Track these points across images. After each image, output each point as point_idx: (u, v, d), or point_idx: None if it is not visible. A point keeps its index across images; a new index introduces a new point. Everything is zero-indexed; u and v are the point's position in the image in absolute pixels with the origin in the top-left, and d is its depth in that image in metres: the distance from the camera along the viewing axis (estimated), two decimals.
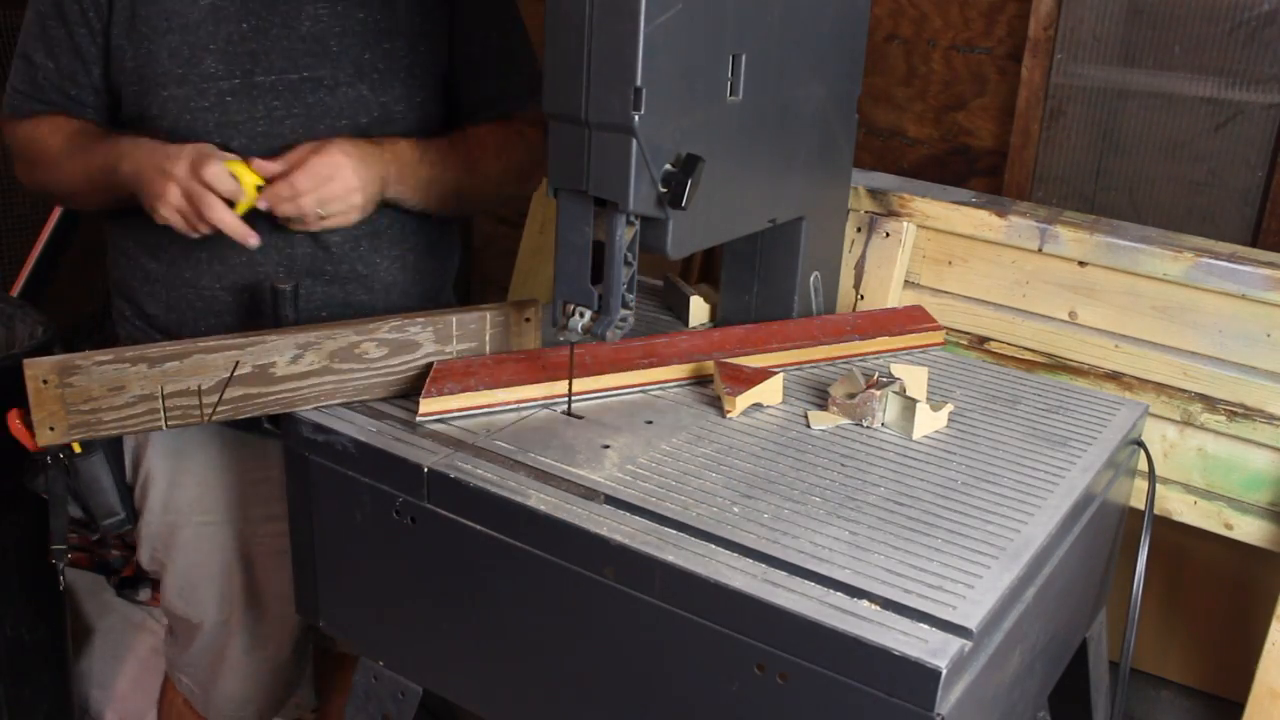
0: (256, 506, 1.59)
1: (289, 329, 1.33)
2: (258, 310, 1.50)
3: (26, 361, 1.22)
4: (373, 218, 1.48)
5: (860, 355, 1.53)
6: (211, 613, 1.63)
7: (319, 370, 1.32)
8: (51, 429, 1.26)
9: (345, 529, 1.30)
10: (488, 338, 1.39)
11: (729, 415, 1.33)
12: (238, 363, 1.29)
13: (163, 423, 1.29)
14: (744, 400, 1.34)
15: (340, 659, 1.85)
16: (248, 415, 1.32)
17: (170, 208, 1.33)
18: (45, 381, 1.24)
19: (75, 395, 1.25)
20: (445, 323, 1.38)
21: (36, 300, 2.64)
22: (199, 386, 1.29)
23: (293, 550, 1.39)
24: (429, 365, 1.35)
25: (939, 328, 1.60)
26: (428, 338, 1.37)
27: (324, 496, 1.31)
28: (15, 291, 2.76)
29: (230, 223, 1.33)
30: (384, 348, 1.34)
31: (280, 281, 1.41)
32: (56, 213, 2.85)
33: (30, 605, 1.93)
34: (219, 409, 1.30)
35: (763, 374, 1.37)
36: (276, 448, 1.42)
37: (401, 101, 1.51)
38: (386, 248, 1.55)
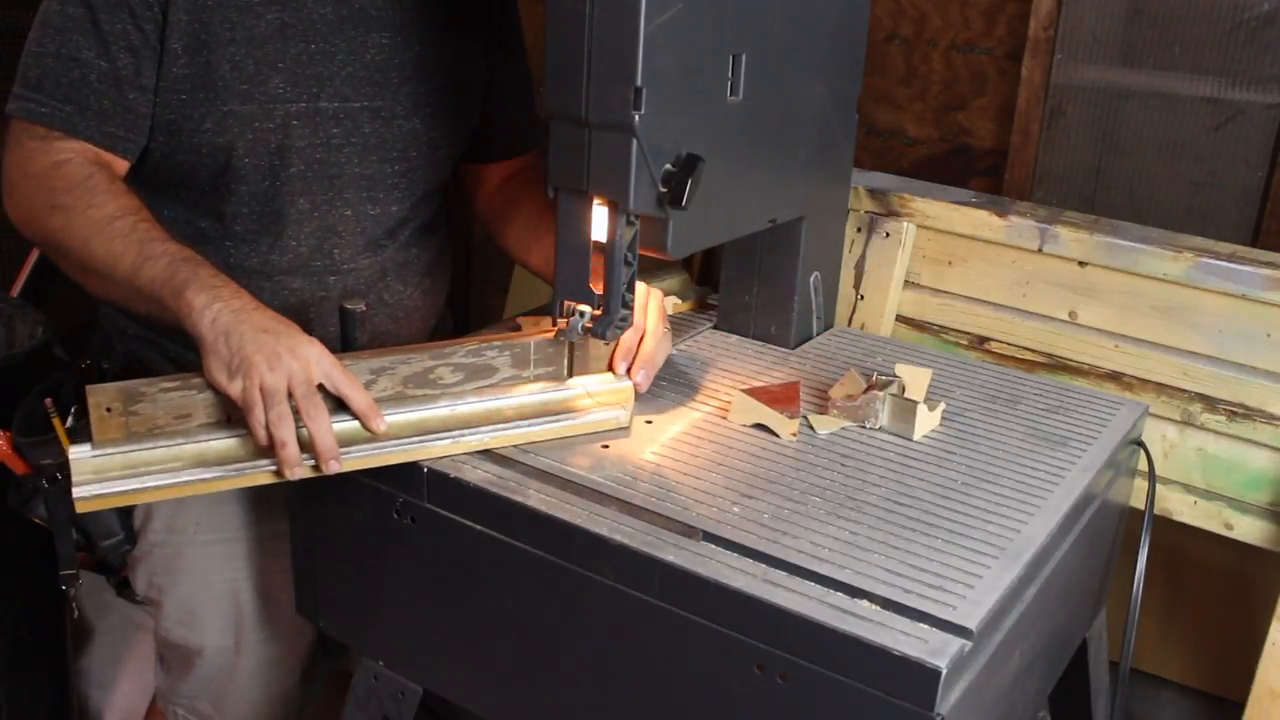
0: (267, 523, 1.52)
1: (360, 353, 1.23)
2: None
3: (89, 388, 1.13)
4: (403, 248, 1.49)
5: None
6: (215, 636, 1.55)
7: (393, 396, 1.23)
8: None
9: (345, 529, 1.30)
10: (565, 362, 1.32)
11: (791, 437, 1.30)
12: None
13: None
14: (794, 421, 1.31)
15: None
16: None
17: (258, 382, 1.13)
18: (109, 410, 1.14)
19: (140, 424, 1.15)
20: (524, 346, 1.29)
21: (36, 300, 2.63)
22: None
23: (293, 551, 1.38)
24: None
25: None
26: (504, 361, 1.28)
27: (324, 497, 1.31)
28: (15, 291, 2.75)
29: (328, 445, 1.16)
30: (459, 372, 1.26)
31: (350, 302, 1.30)
32: None
33: (30, 605, 1.92)
34: None
35: (790, 389, 1.36)
36: None
37: (447, 138, 1.50)
38: (412, 276, 1.54)
